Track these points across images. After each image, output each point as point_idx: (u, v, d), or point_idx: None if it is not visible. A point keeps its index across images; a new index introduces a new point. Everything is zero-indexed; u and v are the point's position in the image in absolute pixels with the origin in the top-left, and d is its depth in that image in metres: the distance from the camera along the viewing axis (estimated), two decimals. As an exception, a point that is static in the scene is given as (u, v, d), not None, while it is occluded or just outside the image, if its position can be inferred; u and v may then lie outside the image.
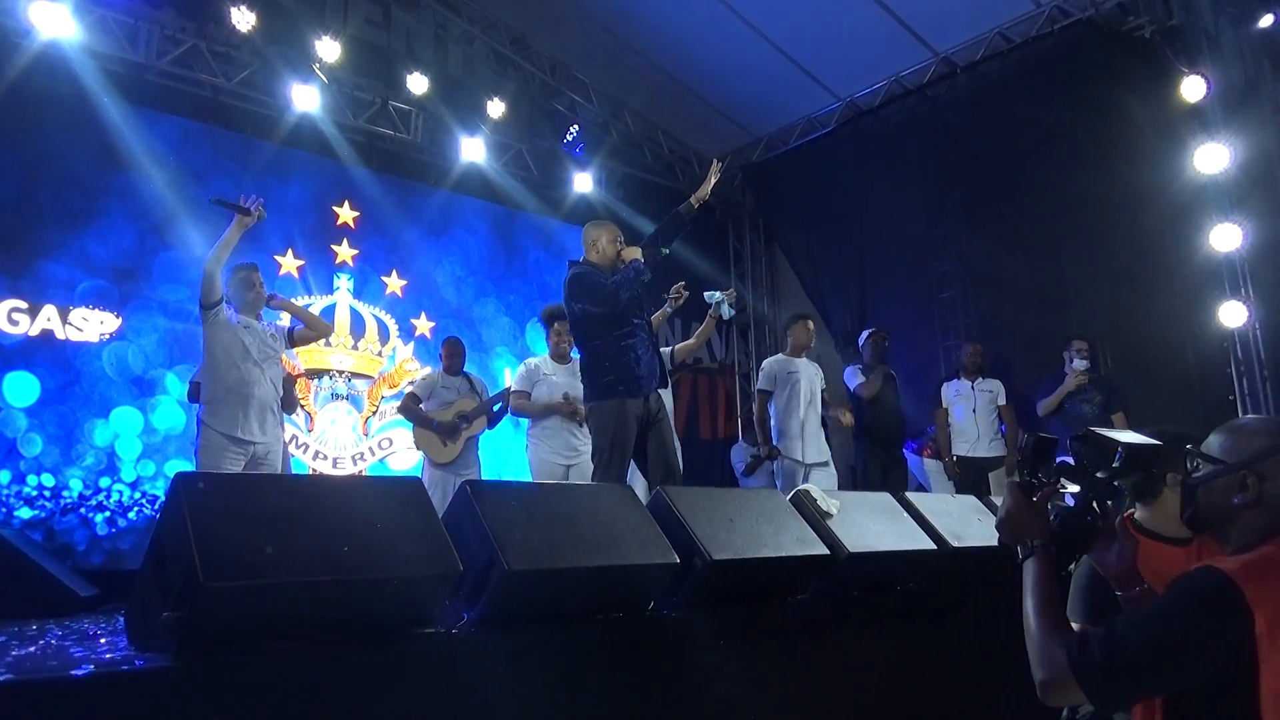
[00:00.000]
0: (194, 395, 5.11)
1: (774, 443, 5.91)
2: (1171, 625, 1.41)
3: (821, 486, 5.53)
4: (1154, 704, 1.55)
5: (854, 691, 2.88)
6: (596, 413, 4.15)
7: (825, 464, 5.83)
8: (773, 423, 5.93)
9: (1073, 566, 3.55)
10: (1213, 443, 1.65)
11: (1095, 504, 1.73)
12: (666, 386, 4.39)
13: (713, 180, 4.40)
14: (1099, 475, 1.73)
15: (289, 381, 5.33)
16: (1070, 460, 1.76)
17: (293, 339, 4.91)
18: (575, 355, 5.35)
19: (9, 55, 5.95)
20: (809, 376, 5.96)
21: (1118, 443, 1.72)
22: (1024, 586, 1.64)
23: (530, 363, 5.48)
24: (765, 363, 6.11)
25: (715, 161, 4.50)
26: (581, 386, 5.23)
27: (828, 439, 6.02)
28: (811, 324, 6.14)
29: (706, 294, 5.17)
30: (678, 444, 4.50)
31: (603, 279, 4.20)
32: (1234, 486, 1.57)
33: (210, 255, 4.44)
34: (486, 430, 5.96)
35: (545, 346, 5.59)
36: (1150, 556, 2.17)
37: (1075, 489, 1.76)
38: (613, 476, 3.95)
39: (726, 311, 5.20)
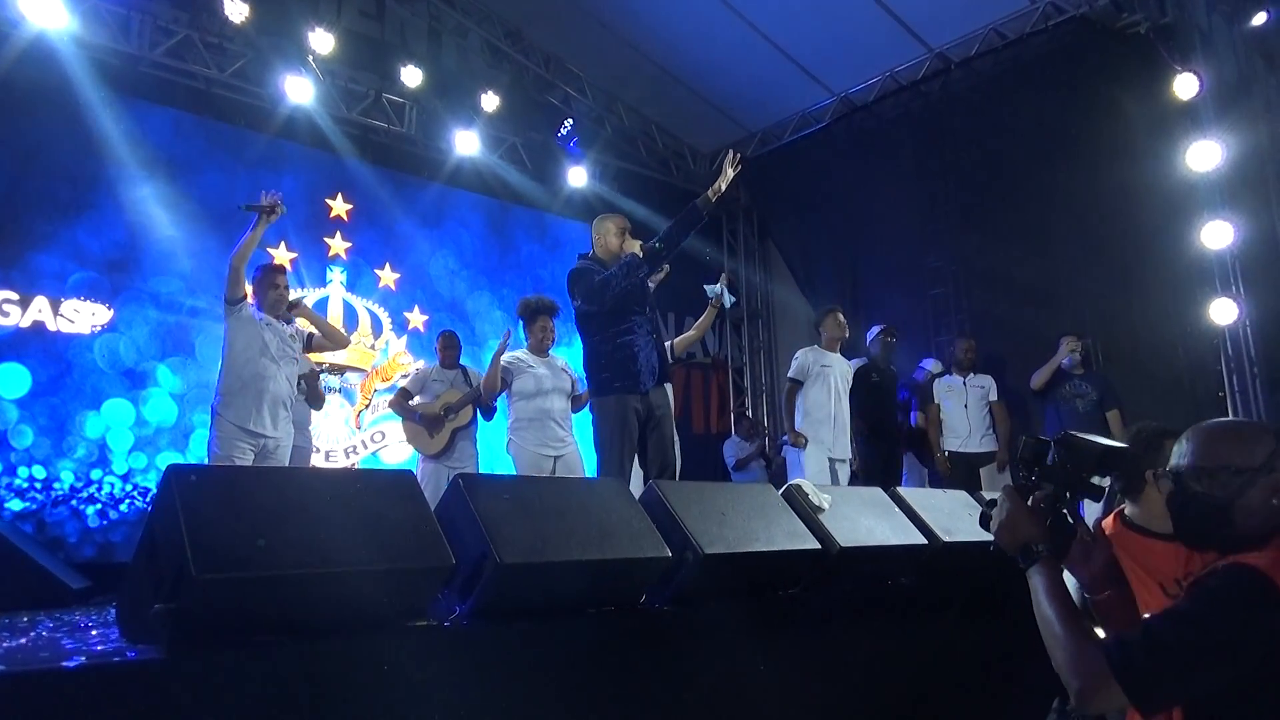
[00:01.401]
0: None
1: (797, 429, 5.80)
2: (1211, 623, 1.40)
3: (840, 481, 5.57)
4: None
5: (845, 685, 2.89)
6: (596, 409, 4.16)
7: (846, 461, 5.80)
8: (799, 414, 5.85)
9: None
10: (1215, 452, 1.58)
11: (1067, 508, 1.73)
12: (667, 381, 4.32)
13: (730, 173, 4.20)
14: (1080, 479, 1.72)
15: (313, 377, 5.34)
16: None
17: (310, 345, 4.98)
18: (553, 352, 5.38)
19: (0, 45, 5.91)
20: (841, 372, 5.91)
21: (1095, 446, 1.72)
22: (1038, 595, 1.59)
23: (513, 354, 5.36)
24: (799, 353, 6.01)
25: (730, 151, 4.29)
26: (563, 378, 5.24)
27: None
28: (842, 315, 6.06)
29: (706, 287, 5.16)
30: (677, 440, 4.48)
31: (594, 274, 4.16)
32: (1270, 490, 1.52)
33: (235, 252, 4.51)
34: (484, 421, 5.93)
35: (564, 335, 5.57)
36: (1140, 552, 2.19)
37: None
38: (614, 471, 3.95)
39: (728, 299, 5.19)
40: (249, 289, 4.65)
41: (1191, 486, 1.59)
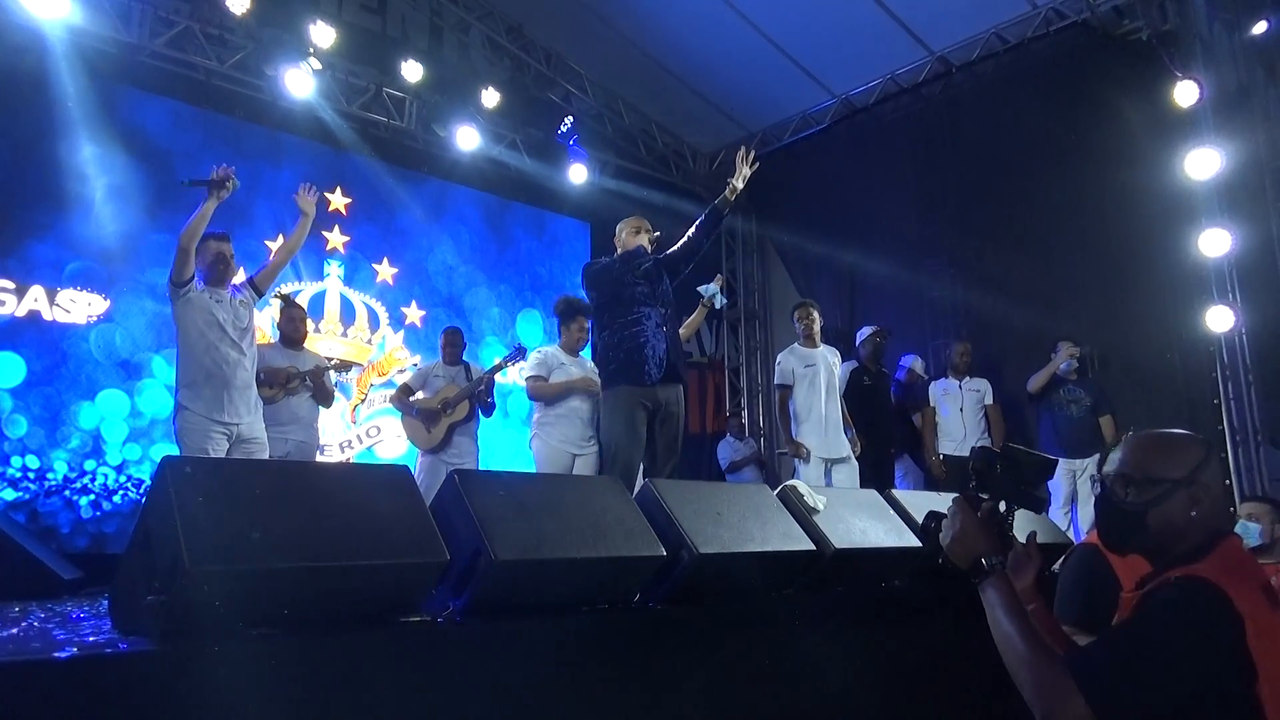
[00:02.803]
0: None
1: (795, 438, 5.71)
2: (1171, 637, 1.41)
3: (842, 483, 5.54)
4: None
5: (838, 687, 2.89)
6: (605, 401, 4.18)
7: (846, 459, 5.67)
8: (793, 422, 5.75)
9: (1056, 566, 3.57)
10: (1140, 461, 1.63)
11: (1006, 521, 1.73)
12: (680, 381, 4.27)
13: (747, 171, 4.25)
14: (1021, 490, 1.73)
15: (318, 373, 5.18)
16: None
17: (257, 287, 4.69)
18: (585, 353, 5.37)
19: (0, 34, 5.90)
20: (827, 366, 5.76)
21: (1034, 458, 1.73)
22: (995, 611, 1.58)
23: (544, 350, 5.36)
24: (780, 357, 5.90)
25: (744, 148, 4.34)
26: (592, 380, 5.24)
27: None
28: (813, 309, 5.95)
29: (700, 288, 5.15)
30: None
31: (599, 263, 4.28)
32: (1188, 501, 1.58)
33: (184, 231, 4.28)
34: (484, 417, 5.95)
35: (540, 336, 5.55)
36: (1133, 559, 2.19)
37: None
38: (619, 467, 3.93)
39: (720, 300, 5.18)
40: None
41: (1115, 492, 1.64)
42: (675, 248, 4.26)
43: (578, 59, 8.75)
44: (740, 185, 4.25)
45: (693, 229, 4.27)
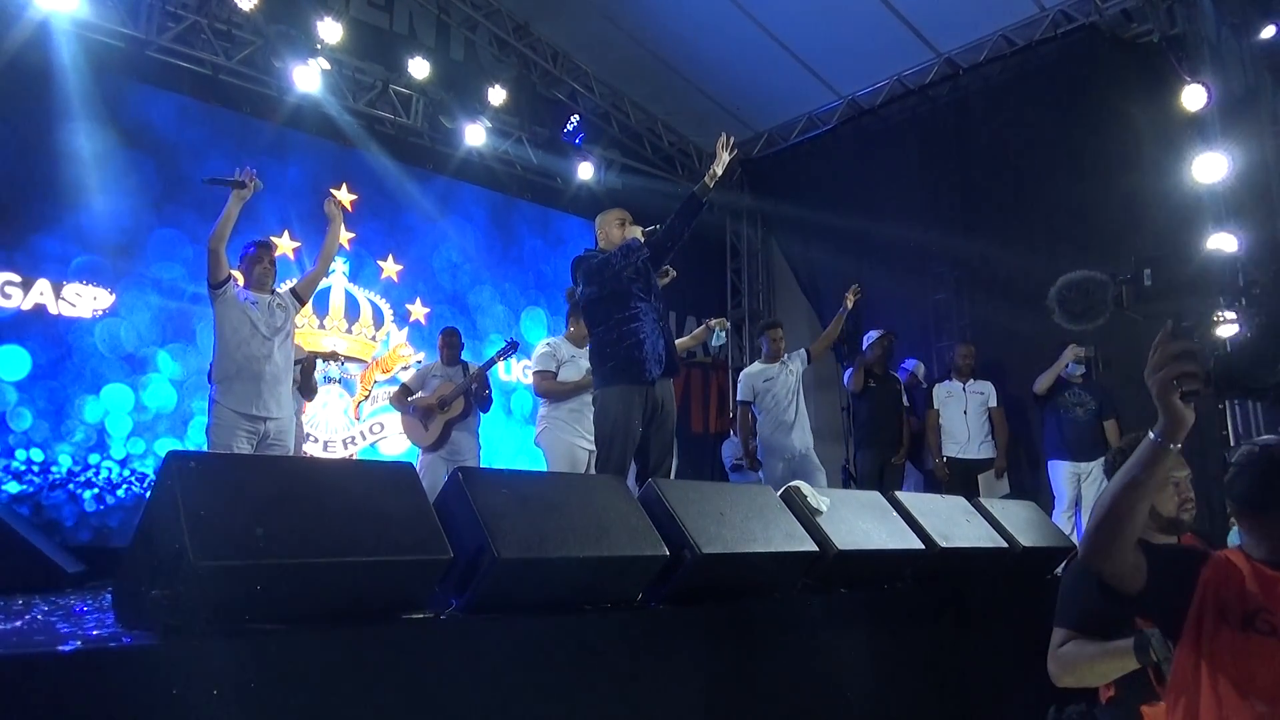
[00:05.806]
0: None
1: (758, 455, 5.95)
2: None
3: (809, 474, 5.58)
4: None
5: (839, 688, 2.89)
6: (599, 400, 4.08)
7: (806, 454, 5.83)
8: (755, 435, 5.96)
9: (1059, 571, 3.57)
10: None
11: None
12: (676, 374, 4.25)
13: (725, 156, 4.18)
14: None
15: (309, 366, 5.27)
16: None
17: (299, 295, 4.85)
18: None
19: (7, 26, 5.90)
20: (787, 371, 5.96)
21: None
22: None
23: (551, 342, 5.29)
24: (741, 375, 6.15)
25: (724, 135, 4.25)
26: None
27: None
28: (780, 330, 6.16)
29: (710, 336, 5.21)
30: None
31: (594, 257, 4.16)
32: None
33: (212, 233, 4.43)
34: (483, 413, 5.95)
35: (544, 335, 5.50)
36: None
37: None
38: (613, 466, 3.89)
39: (717, 338, 5.20)
40: (236, 270, 4.62)
41: None
42: (657, 236, 4.18)
43: (584, 57, 8.75)
44: (719, 171, 4.15)
45: (672, 216, 4.19)
